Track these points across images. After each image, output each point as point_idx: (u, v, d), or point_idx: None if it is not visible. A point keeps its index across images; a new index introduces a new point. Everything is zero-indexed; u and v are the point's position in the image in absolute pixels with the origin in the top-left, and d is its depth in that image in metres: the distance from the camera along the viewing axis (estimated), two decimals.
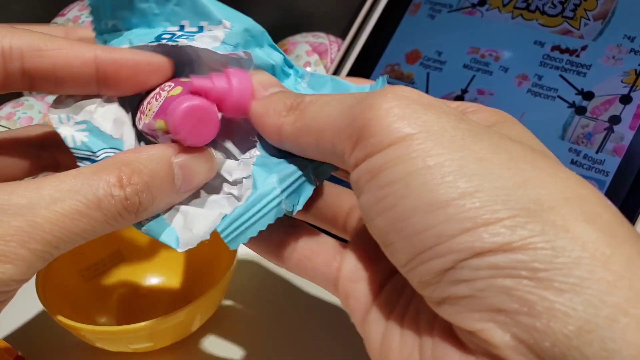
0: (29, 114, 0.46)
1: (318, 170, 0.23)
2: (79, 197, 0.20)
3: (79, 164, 0.23)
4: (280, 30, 0.56)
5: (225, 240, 0.22)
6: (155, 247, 0.37)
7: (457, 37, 0.43)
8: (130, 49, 0.24)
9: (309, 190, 0.23)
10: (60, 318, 0.32)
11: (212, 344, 0.36)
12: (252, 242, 0.24)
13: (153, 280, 0.39)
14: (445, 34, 0.43)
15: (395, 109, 0.17)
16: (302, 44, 0.51)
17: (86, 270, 0.38)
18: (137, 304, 0.38)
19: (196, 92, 0.22)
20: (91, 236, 0.20)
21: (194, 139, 0.22)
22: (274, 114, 0.22)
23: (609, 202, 0.17)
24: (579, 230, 0.15)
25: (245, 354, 0.35)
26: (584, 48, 0.38)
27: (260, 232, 0.22)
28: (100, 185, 0.20)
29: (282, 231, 0.24)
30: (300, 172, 0.23)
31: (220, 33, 0.24)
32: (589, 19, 0.39)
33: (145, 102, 0.24)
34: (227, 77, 0.22)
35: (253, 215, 0.22)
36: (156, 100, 0.23)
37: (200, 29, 0.24)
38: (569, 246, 0.15)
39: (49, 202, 0.19)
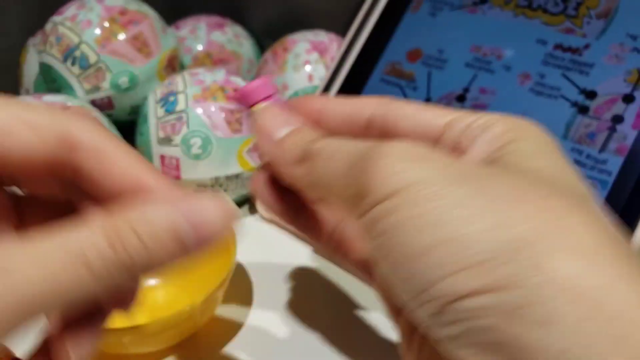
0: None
1: None
2: (61, 255, 0.18)
3: None
4: (279, 28, 0.56)
5: None
6: None
7: (458, 35, 0.42)
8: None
9: None
10: None
11: (211, 345, 0.36)
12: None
13: (152, 280, 0.39)
14: (446, 32, 0.43)
15: (391, 166, 0.19)
16: (302, 42, 0.51)
17: None
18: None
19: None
20: (78, 296, 0.18)
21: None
22: (284, 164, 0.23)
23: (602, 224, 0.18)
24: (555, 265, 0.16)
25: (244, 356, 0.35)
26: (586, 47, 0.38)
27: None
28: (85, 245, 0.18)
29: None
30: None
31: None
32: (591, 17, 0.39)
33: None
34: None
35: None
36: None
37: None
38: (543, 283, 0.16)
39: (31, 262, 0.17)
